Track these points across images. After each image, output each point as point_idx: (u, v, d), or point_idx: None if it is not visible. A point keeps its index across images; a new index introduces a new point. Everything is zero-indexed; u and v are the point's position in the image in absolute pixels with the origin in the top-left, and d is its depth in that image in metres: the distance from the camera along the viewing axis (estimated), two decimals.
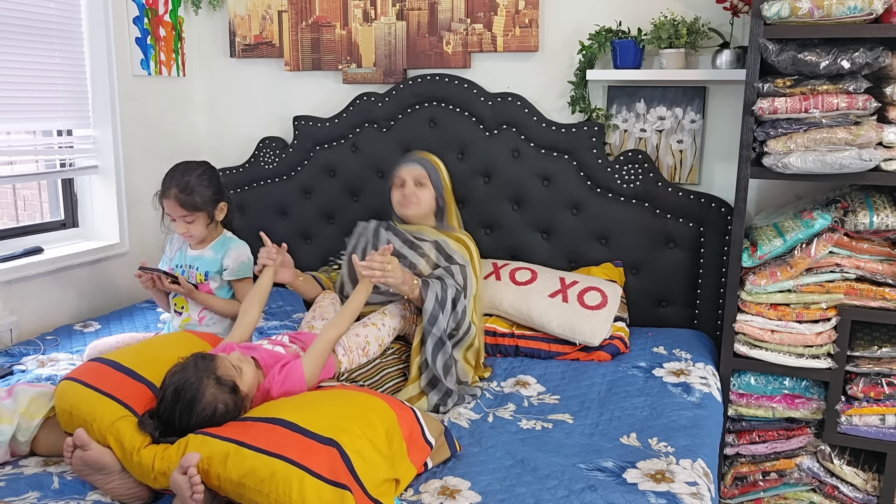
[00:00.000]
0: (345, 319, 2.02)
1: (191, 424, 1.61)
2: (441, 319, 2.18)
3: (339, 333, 2.00)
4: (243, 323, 2.09)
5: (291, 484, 1.41)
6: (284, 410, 1.60)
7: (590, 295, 2.48)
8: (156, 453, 1.57)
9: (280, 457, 1.45)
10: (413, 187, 2.44)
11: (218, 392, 1.64)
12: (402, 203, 2.45)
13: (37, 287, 2.67)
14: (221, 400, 1.65)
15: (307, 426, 1.52)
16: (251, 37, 3.16)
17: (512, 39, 2.83)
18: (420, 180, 2.45)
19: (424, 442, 1.69)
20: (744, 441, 2.43)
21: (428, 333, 2.17)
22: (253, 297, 2.15)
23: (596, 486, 1.65)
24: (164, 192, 2.26)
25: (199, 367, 1.67)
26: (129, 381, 1.75)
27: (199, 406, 1.61)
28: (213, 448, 1.50)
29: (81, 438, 1.57)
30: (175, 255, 2.41)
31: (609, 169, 2.73)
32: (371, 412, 1.63)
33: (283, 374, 1.82)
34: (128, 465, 1.60)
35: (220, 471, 1.48)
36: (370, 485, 1.48)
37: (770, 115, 2.16)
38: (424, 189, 2.45)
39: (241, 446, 1.49)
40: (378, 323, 2.20)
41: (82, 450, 1.58)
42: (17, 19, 2.56)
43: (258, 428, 1.54)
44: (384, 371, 2.18)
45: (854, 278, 2.25)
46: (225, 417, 1.64)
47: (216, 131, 3.38)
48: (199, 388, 1.62)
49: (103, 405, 1.68)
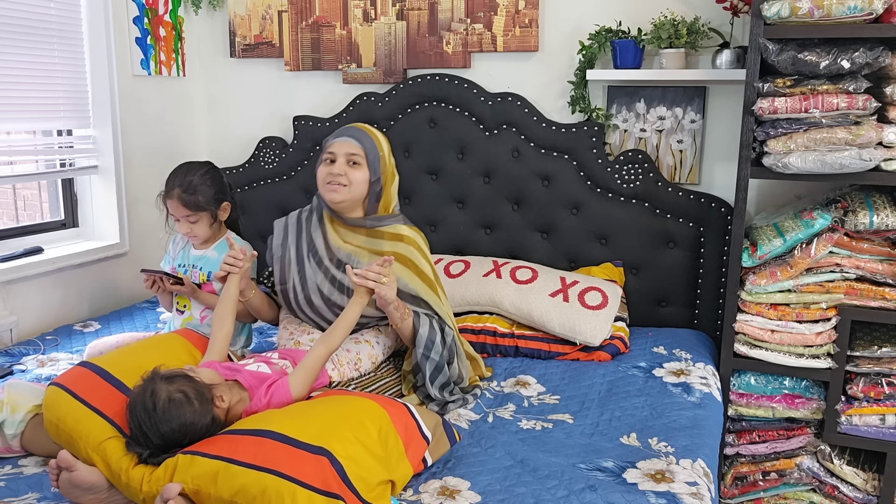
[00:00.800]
0: (337, 335, 1.89)
1: (166, 433, 1.57)
2: (437, 346, 2.05)
3: (331, 350, 1.88)
4: (218, 338, 1.97)
5: (283, 499, 1.38)
6: (273, 422, 1.56)
7: (590, 295, 2.48)
8: (143, 476, 1.54)
9: (270, 471, 1.42)
10: (344, 165, 2.07)
11: (169, 386, 1.60)
12: (329, 184, 2.08)
13: (37, 287, 2.67)
14: (176, 390, 1.60)
15: (296, 436, 1.49)
16: (251, 37, 3.16)
17: (512, 39, 2.83)
18: (354, 158, 2.07)
19: (421, 437, 1.67)
20: (744, 441, 2.43)
21: (426, 359, 2.02)
22: (224, 309, 2.02)
23: (596, 486, 1.65)
24: (167, 192, 2.27)
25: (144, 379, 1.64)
26: (117, 395, 1.71)
27: (158, 410, 1.57)
28: (202, 468, 1.47)
29: (66, 460, 1.53)
30: (178, 254, 2.41)
31: (609, 169, 2.73)
32: (362, 414, 1.61)
33: (269, 394, 1.75)
34: (117, 485, 1.58)
35: (210, 490, 1.44)
36: (364, 489, 1.46)
37: (770, 115, 2.16)
38: (358, 169, 2.08)
39: (231, 463, 1.45)
40: (372, 340, 2.12)
41: (68, 471, 1.53)
42: (17, 19, 2.56)
43: (247, 442, 1.51)
44: (381, 381, 2.10)
45: (854, 278, 2.25)
46: (196, 412, 1.60)
47: (216, 131, 3.38)
48: (151, 393, 1.58)
49: (89, 422, 1.64)
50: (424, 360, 2.03)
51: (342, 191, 2.07)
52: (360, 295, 1.94)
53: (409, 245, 2.13)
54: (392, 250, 2.10)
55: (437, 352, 2.04)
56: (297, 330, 2.18)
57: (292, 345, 2.14)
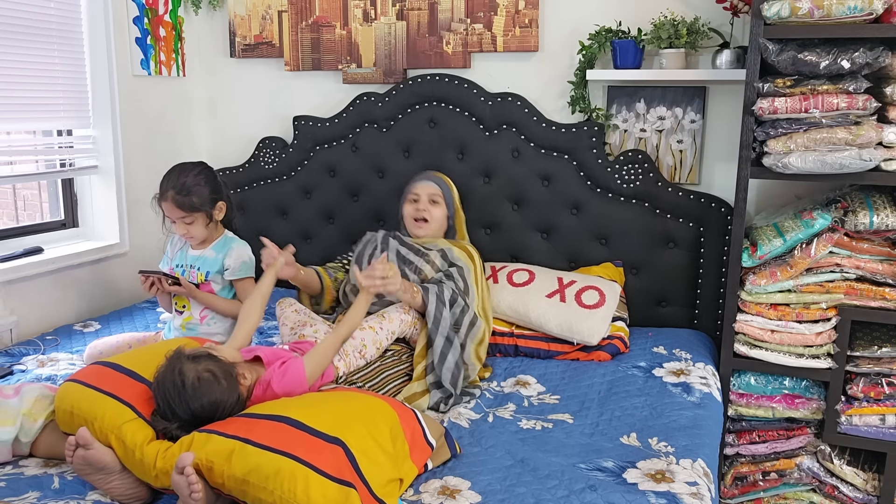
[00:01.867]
0: (345, 329, 2.02)
1: (196, 409, 1.62)
2: (444, 319, 2.20)
3: (342, 339, 2.00)
4: (244, 328, 2.04)
5: (296, 481, 1.40)
6: (290, 409, 1.59)
7: (587, 294, 2.48)
8: (158, 451, 1.57)
9: (285, 454, 1.44)
10: (427, 203, 2.52)
11: (197, 365, 1.66)
12: (415, 219, 2.52)
13: (37, 287, 2.67)
14: (204, 369, 1.65)
15: (313, 424, 1.52)
16: (251, 37, 3.16)
17: (512, 39, 2.83)
18: (434, 198, 2.53)
19: (426, 443, 1.70)
20: (744, 441, 2.43)
21: (435, 335, 2.17)
22: (254, 300, 2.10)
23: (596, 486, 1.65)
24: (161, 194, 2.27)
25: (168, 358, 1.70)
26: (131, 382, 1.75)
27: (188, 388, 1.62)
28: (218, 445, 1.50)
29: (84, 437, 1.58)
30: (176, 255, 2.41)
31: (609, 169, 2.73)
32: (375, 412, 1.64)
33: (283, 367, 1.82)
34: (130, 462, 1.61)
35: (224, 468, 1.47)
36: (375, 484, 1.48)
37: (770, 115, 2.16)
38: (437, 207, 2.54)
39: (246, 443, 1.48)
40: (375, 326, 2.18)
41: (84, 449, 1.58)
42: (17, 19, 2.56)
43: (263, 425, 1.54)
44: (385, 373, 2.16)
45: (854, 278, 2.25)
46: (224, 390, 1.65)
47: (216, 131, 3.38)
48: (179, 372, 1.63)
49: (104, 404, 1.68)
50: (434, 335, 2.18)
51: (425, 226, 2.52)
52: (366, 293, 2.08)
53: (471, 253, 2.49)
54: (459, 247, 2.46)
55: (444, 326, 2.19)
56: (299, 323, 2.25)
57: (297, 338, 2.18)
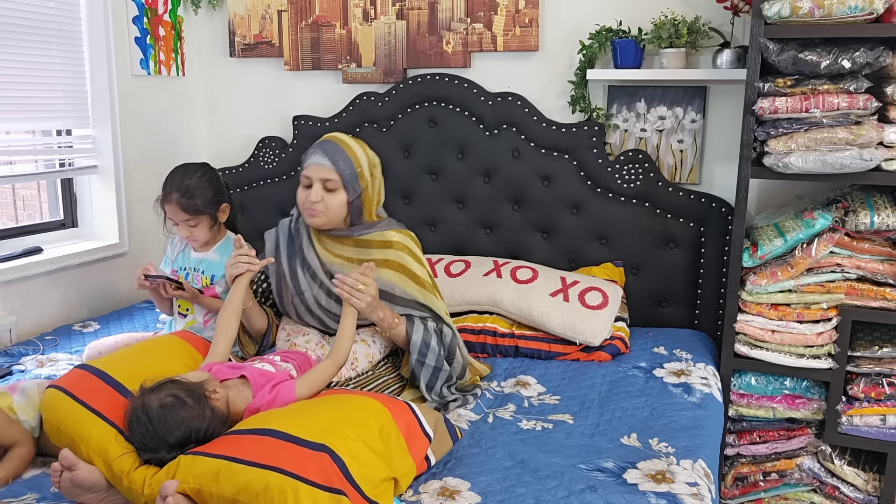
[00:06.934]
0: (342, 349, 1.90)
1: (171, 441, 1.57)
2: (434, 348, 2.05)
3: (339, 364, 1.89)
4: (222, 342, 1.92)
5: (286, 495, 1.38)
6: (274, 420, 1.56)
7: (591, 295, 2.48)
8: (145, 478, 1.54)
9: (272, 468, 1.42)
10: (321, 191, 2.02)
11: (158, 394, 1.60)
12: (307, 210, 2.06)
13: (36, 287, 2.67)
14: (165, 395, 1.59)
15: (298, 434, 1.49)
16: (251, 36, 3.16)
17: (512, 39, 2.82)
18: (329, 185, 2.02)
19: (423, 434, 1.67)
20: (744, 441, 2.43)
21: (421, 365, 2.03)
22: (230, 312, 1.96)
23: (596, 487, 1.64)
24: (164, 196, 2.25)
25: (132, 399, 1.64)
26: (118, 398, 1.69)
27: (154, 419, 1.57)
28: (203, 467, 1.47)
29: (68, 459, 1.53)
30: (177, 257, 2.39)
31: (609, 169, 2.72)
32: (363, 412, 1.61)
33: (273, 393, 1.75)
34: (118, 488, 1.58)
35: (212, 489, 1.44)
36: (367, 486, 1.46)
37: (770, 115, 2.16)
38: (334, 195, 2.03)
39: (232, 461, 1.45)
40: (368, 339, 2.12)
41: (69, 471, 1.53)
42: (17, 19, 2.56)
43: (248, 441, 1.51)
44: (379, 380, 2.10)
45: (855, 278, 2.25)
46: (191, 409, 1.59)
47: (216, 131, 3.37)
48: (143, 407, 1.58)
49: (91, 425, 1.63)
50: (420, 367, 2.04)
51: (320, 216, 2.05)
52: (347, 304, 1.94)
53: (400, 250, 2.11)
54: (383, 258, 2.08)
55: (433, 355, 2.04)
56: (293, 331, 2.17)
57: (289, 346, 2.13)
